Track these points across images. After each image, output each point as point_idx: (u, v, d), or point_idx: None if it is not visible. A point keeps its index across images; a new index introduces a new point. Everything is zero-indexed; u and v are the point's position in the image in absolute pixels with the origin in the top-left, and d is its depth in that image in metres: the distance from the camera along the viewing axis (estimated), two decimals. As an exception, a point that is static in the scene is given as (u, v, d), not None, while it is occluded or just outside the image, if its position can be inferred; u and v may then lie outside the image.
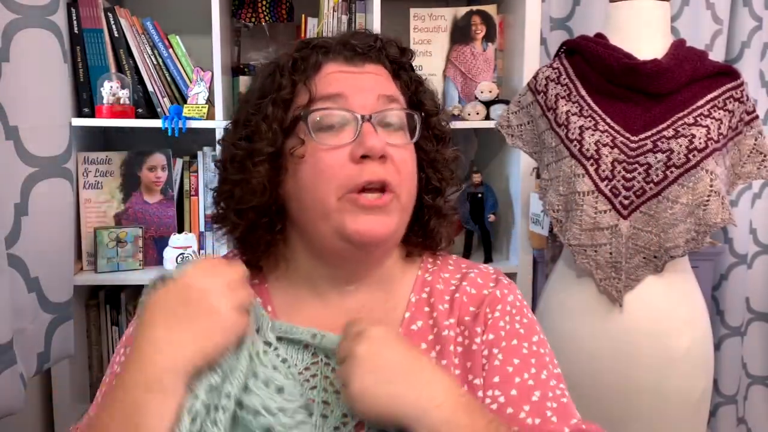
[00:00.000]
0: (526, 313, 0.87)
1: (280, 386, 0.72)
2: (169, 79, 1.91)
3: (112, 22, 1.84)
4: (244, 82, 2.00)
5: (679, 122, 1.35)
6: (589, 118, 1.40)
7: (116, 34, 1.85)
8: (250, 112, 0.82)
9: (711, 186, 1.30)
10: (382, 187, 0.78)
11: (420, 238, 0.88)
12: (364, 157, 0.76)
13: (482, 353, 0.80)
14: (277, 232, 0.83)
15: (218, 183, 0.85)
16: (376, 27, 1.84)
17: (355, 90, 0.80)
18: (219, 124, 1.83)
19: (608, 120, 1.39)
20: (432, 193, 0.87)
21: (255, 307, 0.76)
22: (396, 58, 0.85)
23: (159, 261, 1.94)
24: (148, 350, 0.68)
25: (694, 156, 1.31)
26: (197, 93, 1.87)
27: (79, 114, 1.86)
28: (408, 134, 0.83)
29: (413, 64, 0.90)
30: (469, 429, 0.67)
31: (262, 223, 0.82)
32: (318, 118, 0.79)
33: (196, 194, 1.98)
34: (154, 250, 1.95)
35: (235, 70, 2.06)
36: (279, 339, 0.78)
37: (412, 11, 2.03)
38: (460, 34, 2.02)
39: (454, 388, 0.70)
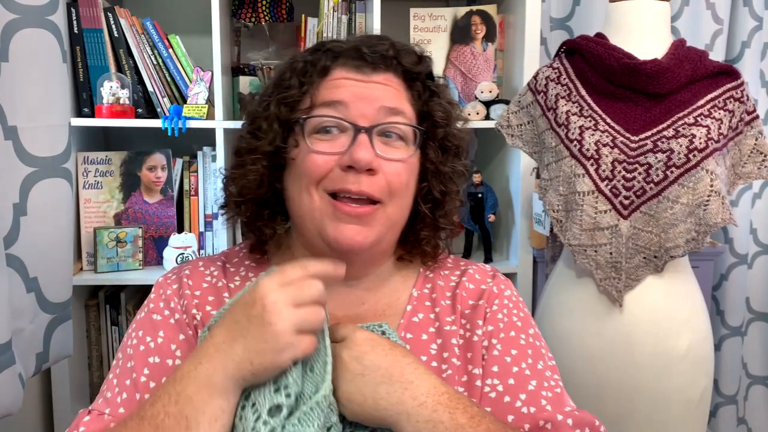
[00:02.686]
0: (522, 308, 0.89)
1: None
2: (169, 79, 1.91)
3: (112, 22, 1.84)
4: (243, 82, 2.00)
5: (680, 122, 1.35)
6: (589, 118, 1.39)
7: (116, 34, 1.85)
8: (258, 108, 0.84)
9: (711, 186, 1.30)
10: (366, 199, 0.78)
11: (411, 246, 0.89)
12: (350, 167, 0.77)
13: (482, 344, 0.83)
14: (277, 223, 0.86)
15: (229, 170, 0.88)
16: (376, 27, 1.83)
17: (357, 99, 0.79)
18: (219, 124, 1.83)
19: (608, 120, 1.39)
20: (430, 203, 0.86)
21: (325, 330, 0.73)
22: (409, 68, 0.84)
23: (159, 261, 1.94)
24: (205, 349, 0.69)
25: (694, 156, 1.31)
26: (197, 93, 1.87)
27: (79, 114, 1.86)
28: (412, 147, 0.82)
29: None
30: (449, 426, 0.68)
31: (263, 214, 0.85)
32: (314, 124, 0.80)
33: (196, 194, 1.98)
34: (153, 250, 1.95)
35: (235, 70, 2.06)
36: None
37: (412, 11, 2.03)
38: (460, 34, 2.02)
39: (437, 386, 0.71)
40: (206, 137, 1.91)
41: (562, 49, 1.53)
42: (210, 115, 1.86)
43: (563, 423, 0.77)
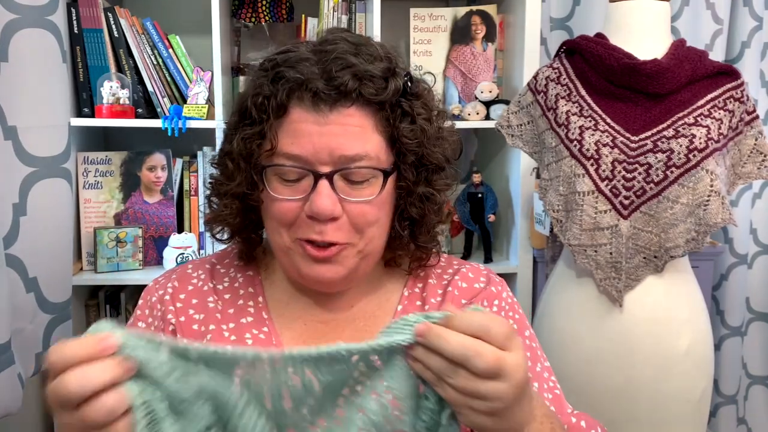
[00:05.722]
0: (518, 309, 0.90)
1: None
2: (169, 79, 1.91)
3: (112, 22, 1.84)
4: (244, 82, 2.00)
5: (680, 122, 1.35)
6: (589, 118, 1.39)
7: (116, 34, 1.85)
8: (225, 143, 0.84)
9: (711, 186, 1.30)
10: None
11: (390, 260, 0.87)
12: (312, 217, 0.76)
13: None
14: (262, 233, 0.87)
15: (210, 188, 0.87)
16: (377, 27, 1.84)
17: (317, 150, 0.75)
18: (219, 124, 1.83)
19: (608, 120, 1.39)
20: (406, 221, 0.83)
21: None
22: (372, 99, 0.76)
23: (159, 261, 1.94)
24: None
25: (694, 156, 1.31)
26: (197, 93, 1.87)
27: (79, 114, 1.86)
28: (378, 186, 0.78)
29: (414, 64, 0.86)
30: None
31: (245, 235, 0.87)
32: (275, 172, 0.78)
33: (196, 194, 1.98)
34: (153, 250, 1.95)
35: (235, 70, 2.06)
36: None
37: (412, 11, 2.03)
38: (460, 34, 2.02)
39: (538, 398, 0.71)
40: (206, 137, 1.91)
41: (562, 49, 1.53)
42: (210, 115, 1.86)
43: (577, 425, 0.79)
